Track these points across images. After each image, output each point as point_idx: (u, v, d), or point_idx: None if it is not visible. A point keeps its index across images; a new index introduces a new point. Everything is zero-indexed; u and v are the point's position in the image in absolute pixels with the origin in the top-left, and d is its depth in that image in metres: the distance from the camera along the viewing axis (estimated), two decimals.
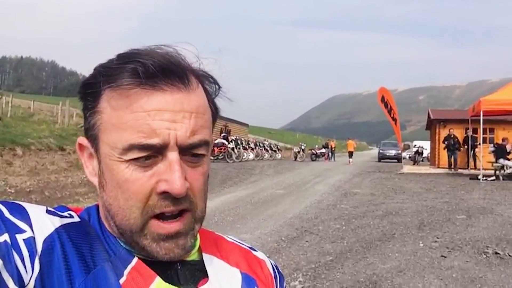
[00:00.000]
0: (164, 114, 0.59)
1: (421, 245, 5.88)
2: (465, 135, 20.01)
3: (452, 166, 19.78)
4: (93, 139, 0.64)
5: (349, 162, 28.70)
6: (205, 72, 0.68)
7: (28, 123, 17.30)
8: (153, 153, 0.59)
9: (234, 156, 23.95)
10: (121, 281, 0.60)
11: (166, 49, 0.63)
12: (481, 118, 15.05)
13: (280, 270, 0.82)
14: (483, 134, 17.15)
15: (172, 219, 0.62)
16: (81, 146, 0.68)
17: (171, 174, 0.59)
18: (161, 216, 0.61)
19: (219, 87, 0.69)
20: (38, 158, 12.33)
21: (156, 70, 0.58)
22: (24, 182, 10.12)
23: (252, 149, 28.76)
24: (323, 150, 35.68)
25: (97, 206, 0.69)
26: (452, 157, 19.90)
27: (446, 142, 20.22)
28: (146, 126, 0.58)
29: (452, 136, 19.91)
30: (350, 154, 31.49)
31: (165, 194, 0.60)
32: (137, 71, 0.58)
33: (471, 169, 19.05)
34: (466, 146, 19.71)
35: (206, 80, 0.68)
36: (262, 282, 0.75)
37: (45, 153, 12.77)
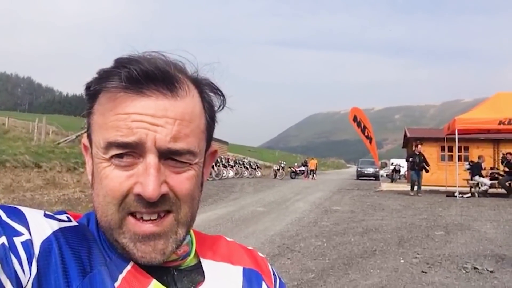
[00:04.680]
0: (145, 118, 0.60)
1: (402, 261, 5.93)
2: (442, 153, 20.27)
3: (416, 189, 16.79)
4: (90, 140, 0.66)
5: (313, 178, 33.28)
6: (207, 80, 0.68)
7: (3, 140, 16.93)
8: (131, 151, 0.60)
9: (213, 174, 23.86)
10: (116, 285, 0.61)
11: (159, 56, 0.64)
12: (456, 136, 15.40)
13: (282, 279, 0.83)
14: (458, 152, 17.52)
15: (150, 222, 0.62)
16: (85, 146, 0.69)
17: (146, 178, 0.59)
18: (137, 215, 0.61)
19: (222, 95, 0.70)
20: (14, 175, 12.03)
21: (140, 76, 0.59)
22: None
23: (232, 167, 28.73)
24: (302, 168, 35.94)
25: None
26: (417, 177, 16.92)
27: (410, 160, 17.52)
28: (125, 126, 0.60)
29: (418, 153, 17.12)
30: (312, 171, 34.92)
31: (140, 197, 0.60)
32: (122, 77, 0.60)
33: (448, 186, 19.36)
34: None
35: (207, 89, 0.68)
36: (267, 277, 0.77)
37: (21, 170, 12.48)
